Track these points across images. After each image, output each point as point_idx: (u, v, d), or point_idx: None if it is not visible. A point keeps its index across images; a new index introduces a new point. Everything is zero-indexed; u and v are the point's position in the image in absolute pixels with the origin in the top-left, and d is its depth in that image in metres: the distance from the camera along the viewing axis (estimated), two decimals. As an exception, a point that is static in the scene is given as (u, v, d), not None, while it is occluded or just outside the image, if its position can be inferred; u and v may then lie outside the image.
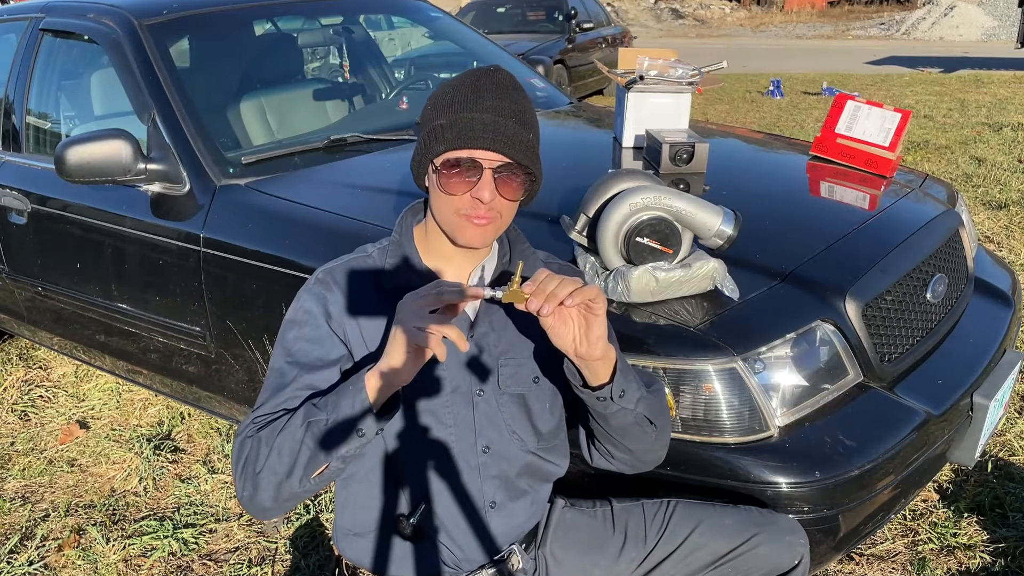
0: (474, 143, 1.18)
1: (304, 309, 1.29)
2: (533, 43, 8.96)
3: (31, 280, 2.83)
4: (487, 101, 1.19)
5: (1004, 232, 4.49)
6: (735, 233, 1.70)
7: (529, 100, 1.26)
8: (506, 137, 1.18)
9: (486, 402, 1.33)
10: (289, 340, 1.29)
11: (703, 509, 1.45)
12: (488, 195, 1.19)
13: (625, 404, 1.23)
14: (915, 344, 1.86)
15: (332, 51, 3.64)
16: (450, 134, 1.19)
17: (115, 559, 2.24)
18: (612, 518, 1.48)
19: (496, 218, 1.23)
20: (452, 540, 1.36)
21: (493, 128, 1.18)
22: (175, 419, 2.94)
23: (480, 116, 1.18)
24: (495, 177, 1.20)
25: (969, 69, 12.78)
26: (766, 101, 9.87)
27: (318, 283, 1.30)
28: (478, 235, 1.23)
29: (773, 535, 1.39)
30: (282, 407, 1.24)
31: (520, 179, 1.22)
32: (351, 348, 1.29)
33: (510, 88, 1.22)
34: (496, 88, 1.21)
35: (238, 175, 2.28)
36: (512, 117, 1.20)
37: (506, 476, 1.37)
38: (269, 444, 1.18)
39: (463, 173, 1.19)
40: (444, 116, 1.20)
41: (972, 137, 7.06)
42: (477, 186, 1.19)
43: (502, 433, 1.35)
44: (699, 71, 2.55)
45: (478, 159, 1.19)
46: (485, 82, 1.21)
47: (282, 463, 1.17)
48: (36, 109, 2.89)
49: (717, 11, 28.91)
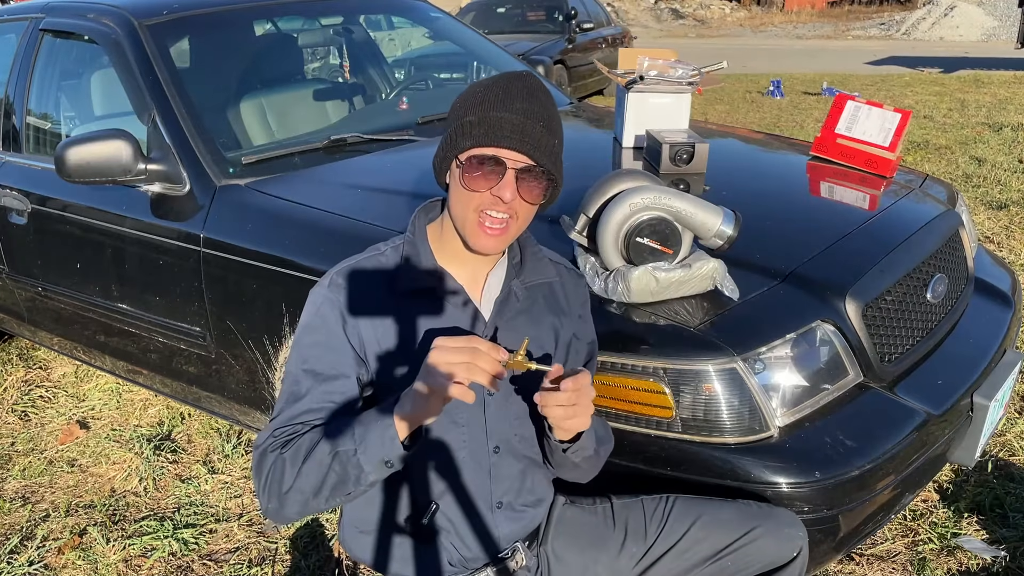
0: (501, 142, 1.20)
1: (319, 314, 1.30)
2: (533, 43, 8.96)
3: (31, 280, 2.83)
4: (517, 103, 1.21)
5: (1004, 232, 4.49)
6: (735, 233, 1.70)
7: (556, 107, 1.28)
8: (533, 139, 1.20)
9: (496, 403, 1.34)
10: (304, 345, 1.30)
11: (702, 504, 1.46)
12: (509, 195, 1.21)
13: (573, 457, 1.34)
14: (915, 344, 1.86)
15: (332, 51, 3.64)
16: (478, 131, 1.20)
17: (115, 559, 2.24)
18: (612, 515, 1.49)
19: (512, 221, 1.24)
20: (460, 540, 1.37)
21: (521, 129, 1.20)
22: (175, 419, 2.94)
23: (509, 116, 1.20)
24: (518, 178, 1.21)
25: (969, 69, 12.78)
26: (766, 101, 9.87)
27: (332, 286, 1.31)
28: (489, 244, 1.25)
29: (772, 528, 1.40)
30: (300, 420, 1.26)
31: (542, 183, 1.24)
32: (366, 350, 1.29)
33: (540, 93, 1.24)
34: (527, 91, 1.23)
35: (238, 175, 2.28)
36: (540, 121, 1.22)
37: (513, 476, 1.38)
38: (295, 466, 1.20)
39: (487, 170, 1.21)
40: (473, 113, 1.22)
41: (972, 137, 7.06)
42: (499, 185, 1.21)
43: (510, 433, 1.36)
44: (699, 71, 2.55)
45: (503, 158, 1.20)
46: (516, 85, 1.23)
47: (309, 484, 1.19)
48: (36, 109, 2.89)
49: (717, 11, 28.91)
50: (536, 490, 1.43)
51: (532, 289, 1.38)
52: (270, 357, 2.14)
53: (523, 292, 1.36)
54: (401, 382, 1.28)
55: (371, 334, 1.29)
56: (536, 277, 1.39)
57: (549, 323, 1.39)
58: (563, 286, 1.43)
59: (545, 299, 1.39)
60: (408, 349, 1.30)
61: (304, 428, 1.25)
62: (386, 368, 1.30)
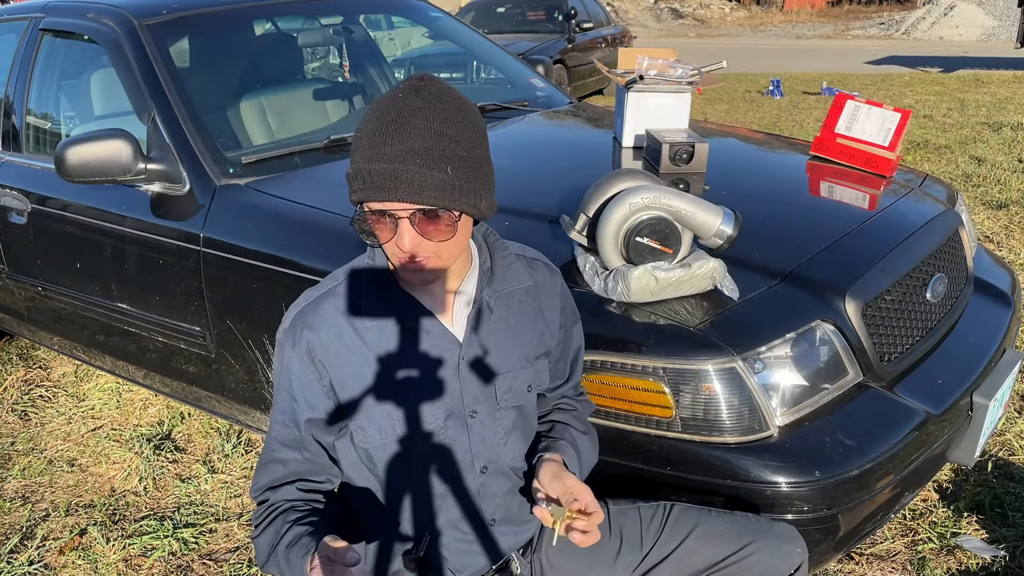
0: (379, 195, 1.11)
1: (281, 358, 1.30)
2: (533, 43, 8.95)
3: (31, 280, 2.83)
4: (389, 143, 1.09)
5: (1004, 232, 4.49)
6: (735, 233, 1.70)
7: (457, 117, 1.13)
8: (410, 185, 1.09)
9: (480, 422, 1.31)
10: (278, 393, 1.32)
11: (699, 513, 1.43)
12: (409, 242, 1.13)
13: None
14: (915, 344, 1.86)
15: (332, 51, 3.64)
16: (357, 185, 1.13)
17: (115, 559, 2.24)
18: (608, 521, 1.45)
19: (433, 258, 1.16)
20: (454, 562, 1.36)
21: (394, 177, 1.09)
22: (175, 419, 2.94)
23: (379, 166, 1.09)
24: (413, 224, 1.13)
25: (969, 69, 12.78)
26: (766, 101, 9.87)
27: (292, 328, 1.27)
28: (420, 278, 1.18)
29: (769, 543, 1.37)
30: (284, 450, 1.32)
31: (442, 219, 1.13)
32: (335, 389, 1.27)
33: (421, 116, 1.10)
34: (401, 123, 1.10)
35: (238, 175, 2.28)
36: (417, 159, 1.09)
37: (504, 491, 1.36)
38: (267, 549, 1.27)
39: (381, 222, 1.14)
40: (353, 161, 1.14)
41: (972, 137, 7.06)
42: (396, 235, 1.14)
43: (498, 450, 1.33)
44: (699, 71, 2.55)
45: (389, 210, 1.12)
46: (391, 115, 1.10)
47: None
48: (36, 109, 2.89)
49: (717, 11, 28.91)
50: (529, 501, 1.39)
51: (507, 295, 1.33)
52: (270, 357, 2.14)
53: (497, 301, 1.31)
54: (374, 416, 1.27)
55: (339, 372, 1.26)
56: (509, 284, 1.33)
57: (531, 327, 1.35)
58: (537, 285, 1.37)
59: (521, 303, 1.34)
60: (378, 382, 1.26)
61: (277, 510, 1.29)
62: (357, 403, 1.27)
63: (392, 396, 1.27)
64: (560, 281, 1.42)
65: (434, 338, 1.27)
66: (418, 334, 1.26)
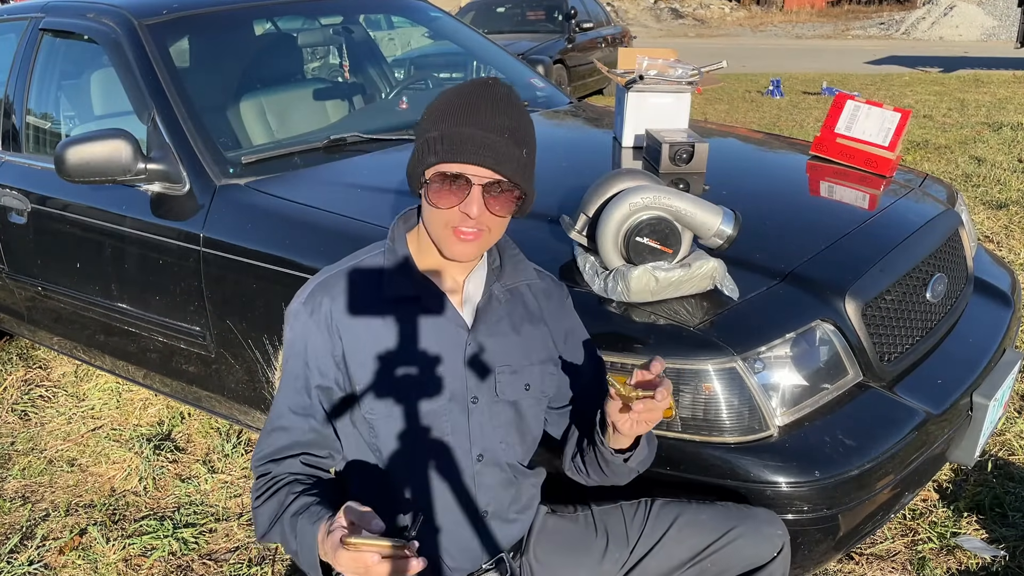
0: (464, 158, 1.18)
1: (299, 335, 1.31)
2: (533, 43, 8.96)
3: (31, 280, 2.83)
4: (481, 116, 1.19)
5: (1004, 232, 4.49)
6: (735, 233, 1.70)
7: (527, 115, 1.25)
8: (496, 154, 1.18)
9: (480, 410, 1.33)
10: (287, 360, 1.33)
11: (680, 505, 1.46)
12: (476, 210, 1.20)
13: (633, 465, 1.36)
14: (915, 344, 1.86)
15: (332, 51, 3.64)
16: (441, 147, 1.19)
17: (115, 559, 2.24)
18: (594, 521, 1.49)
19: (484, 232, 1.23)
20: (447, 550, 1.36)
21: (484, 144, 1.18)
22: (175, 419, 2.94)
23: (472, 131, 1.18)
24: (484, 193, 1.20)
25: (969, 69, 12.78)
26: (766, 101, 9.87)
27: (310, 298, 1.31)
28: (464, 250, 1.24)
29: (751, 528, 1.40)
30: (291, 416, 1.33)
31: (509, 196, 1.22)
32: (347, 358, 1.30)
33: (506, 103, 1.21)
34: (491, 103, 1.20)
35: (238, 175, 2.28)
36: (505, 133, 1.19)
37: (498, 484, 1.37)
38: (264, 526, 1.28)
39: (452, 187, 1.20)
40: (437, 128, 1.20)
41: (972, 137, 7.06)
42: (465, 201, 1.20)
43: (494, 441, 1.35)
44: (699, 71, 2.55)
45: (468, 174, 1.19)
46: (481, 95, 1.20)
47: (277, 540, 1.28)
48: (36, 109, 2.89)
49: (717, 11, 28.91)
50: (522, 498, 1.42)
51: (514, 293, 1.38)
52: (270, 356, 2.14)
53: (504, 295, 1.36)
54: (383, 389, 1.29)
55: (353, 342, 1.29)
56: (517, 279, 1.38)
57: (534, 328, 1.38)
58: (544, 290, 1.42)
59: (526, 304, 1.39)
60: (391, 356, 1.30)
61: (281, 481, 1.30)
62: (368, 375, 1.30)
63: (401, 370, 1.29)
64: (567, 294, 1.47)
65: (447, 320, 1.31)
66: (432, 314, 1.31)
